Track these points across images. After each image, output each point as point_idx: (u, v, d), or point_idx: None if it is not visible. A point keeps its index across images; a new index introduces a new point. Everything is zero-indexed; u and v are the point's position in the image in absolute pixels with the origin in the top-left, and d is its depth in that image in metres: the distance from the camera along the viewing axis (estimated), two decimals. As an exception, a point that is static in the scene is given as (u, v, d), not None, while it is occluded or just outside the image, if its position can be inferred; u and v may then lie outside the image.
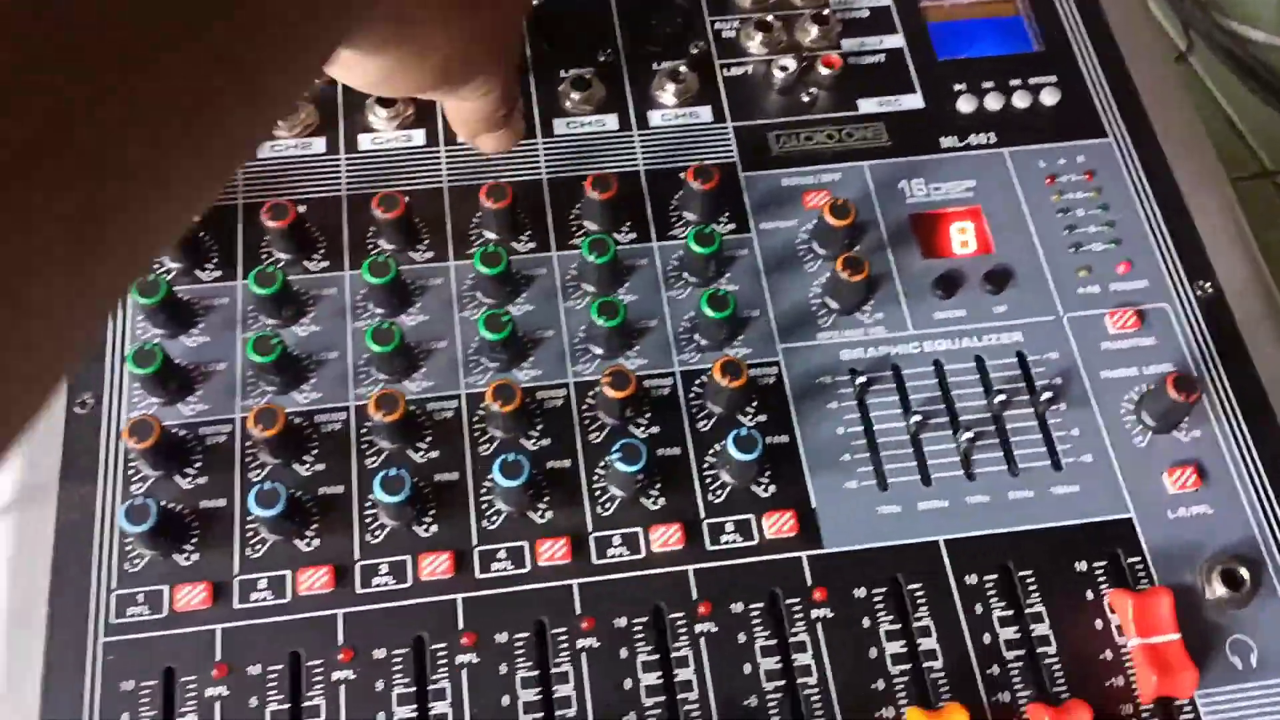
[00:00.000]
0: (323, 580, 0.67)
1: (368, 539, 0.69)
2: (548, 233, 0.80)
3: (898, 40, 0.90)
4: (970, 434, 0.72)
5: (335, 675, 0.65)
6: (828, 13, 0.89)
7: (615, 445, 0.68)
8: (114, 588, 0.66)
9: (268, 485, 0.66)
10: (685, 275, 0.78)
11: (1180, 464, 0.72)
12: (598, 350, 0.75)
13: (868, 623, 0.67)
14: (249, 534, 0.68)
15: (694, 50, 0.89)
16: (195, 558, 0.68)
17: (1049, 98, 0.87)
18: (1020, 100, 0.87)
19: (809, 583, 0.68)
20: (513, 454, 0.67)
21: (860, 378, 0.74)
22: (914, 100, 0.87)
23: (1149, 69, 0.90)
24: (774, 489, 0.71)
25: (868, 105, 0.87)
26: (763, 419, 0.74)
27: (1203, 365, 0.76)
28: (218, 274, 0.77)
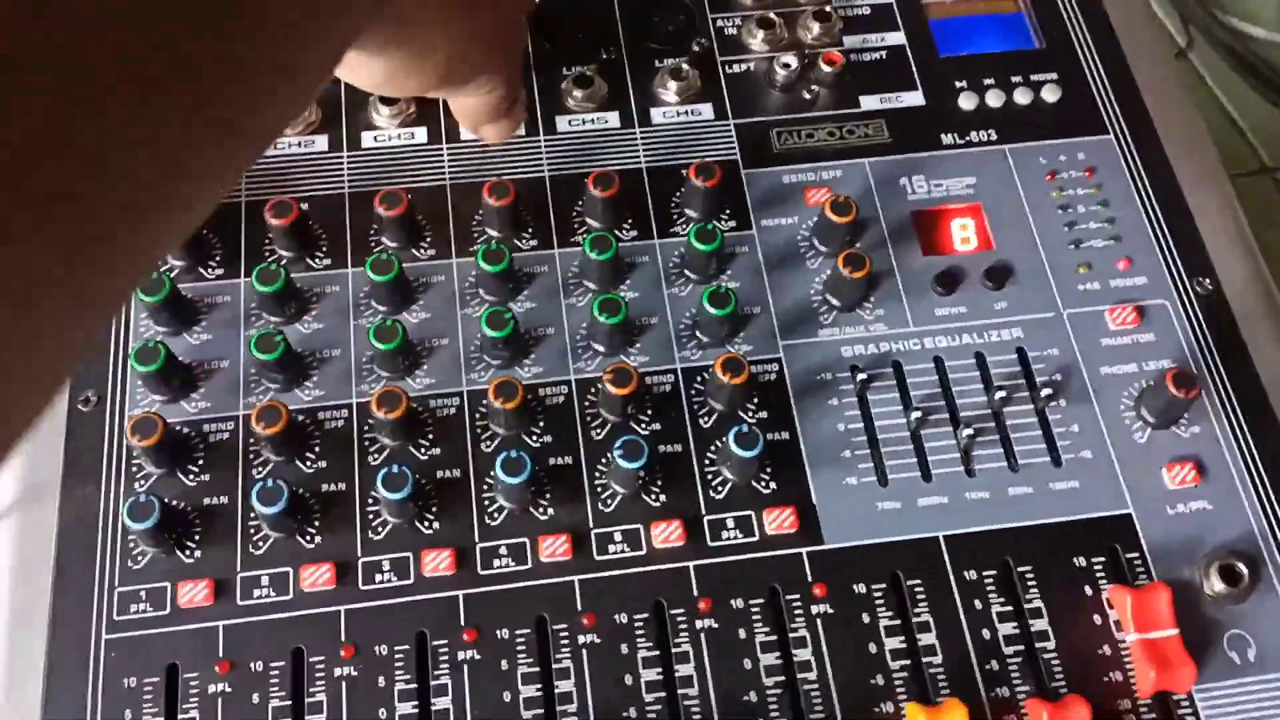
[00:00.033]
0: (325, 577, 0.67)
1: (370, 536, 0.69)
2: (550, 230, 0.80)
3: (899, 37, 0.91)
4: (970, 430, 0.72)
5: (337, 671, 0.65)
6: (829, 10, 0.89)
7: (617, 442, 0.68)
8: (117, 585, 0.67)
9: (270, 482, 0.66)
10: (687, 272, 0.78)
11: (1179, 460, 0.72)
12: (599, 347, 0.75)
13: (867, 618, 0.68)
14: (251, 531, 0.69)
15: (696, 48, 0.89)
16: (198, 555, 0.68)
17: (1050, 94, 0.87)
18: (1021, 97, 0.87)
19: (809, 579, 0.69)
20: (515, 451, 0.67)
21: (861, 374, 0.74)
22: (915, 97, 0.88)
23: (1150, 66, 0.90)
24: (775, 485, 0.71)
25: (869, 102, 0.87)
26: (764, 416, 0.74)
27: (1202, 361, 0.76)
28: (220, 272, 0.77)
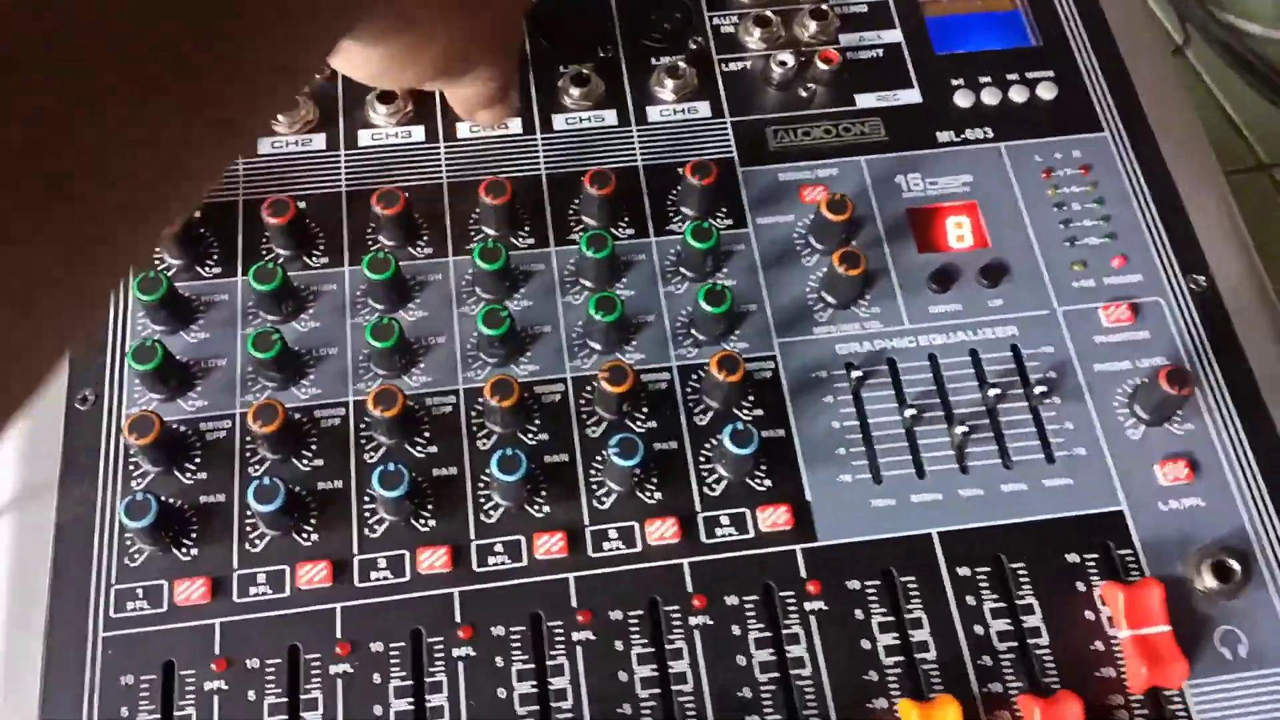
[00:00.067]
0: (321, 575, 0.67)
1: (366, 534, 0.69)
2: (546, 228, 0.80)
3: (896, 35, 0.91)
4: (964, 427, 0.72)
5: (333, 669, 0.65)
6: (826, 8, 0.90)
7: (612, 440, 0.69)
8: (114, 583, 0.67)
9: (267, 481, 0.66)
10: (683, 270, 0.79)
11: (1172, 457, 0.73)
12: (596, 345, 0.76)
13: (861, 615, 0.68)
14: (248, 529, 0.69)
15: (693, 46, 0.89)
16: (195, 553, 0.68)
17: (1046, 92, 0.87)
18: (1017, 95, 0.87)
19: (803, 576, 0.69)
20: (511, 449, 0.68)
21: (856, 372, 0.75)
22: (911, 95, 0.88)
23: (1146, 63, 0.90)
24: (769, 483, 0.72)
25: (865, 100, 0.87)
26: (759, 413, 0.74)
27: (1196, 358, 0.76)
28: (218, 270, 0.77)
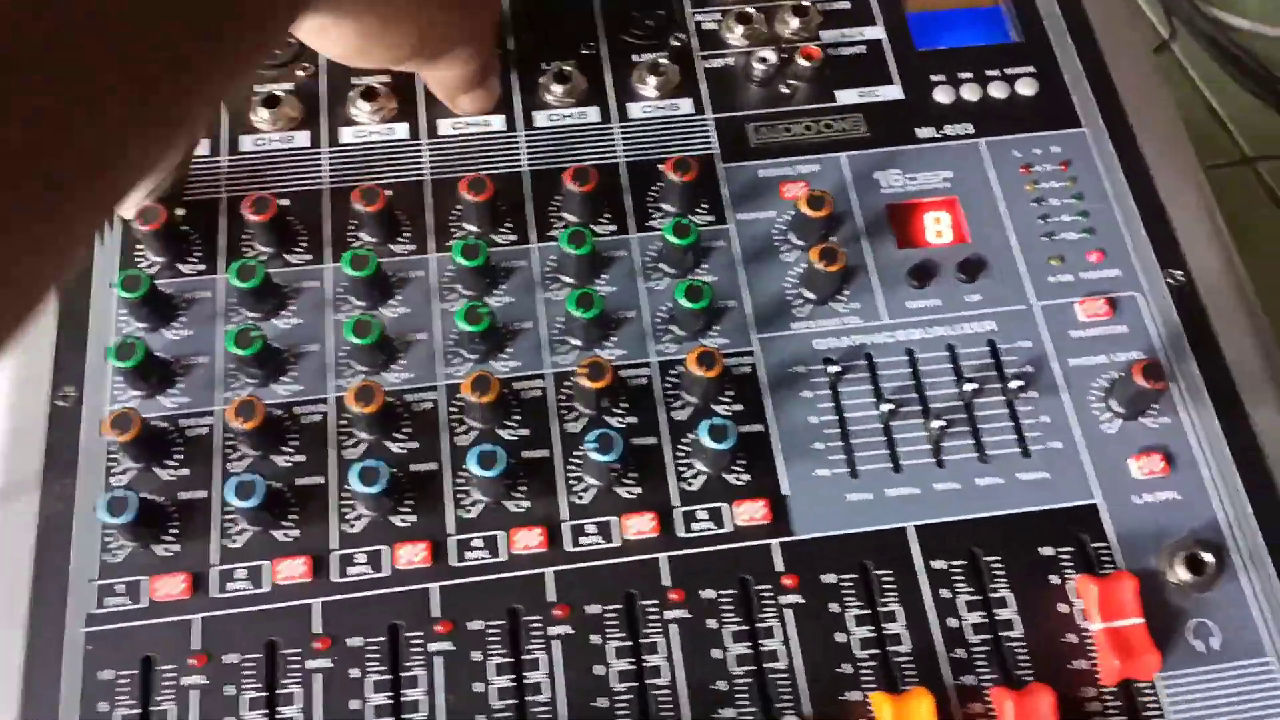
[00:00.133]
0: (300, 570, 0.68)
1: (345, 529, 0.70)
2: (527, 225, 0.81)
3: (877, 31, 0.91)
4: (941, 422, 0.72)
5: (311, 664, 0.66)
6: (808, 4, 0.90)
7: (590, 435, 0.69)
8: (94, 578, 0.68)
9: (246, 477, 0.67)
10: (663, 266, 0.79)
11: (1147, 450, 0.73)
12: (576, 341, 0.76)
13: (836, 608, 0.68)
14: (228, 525, 0.69)
15: (675, 42, 0.90)
16: (175, 549, 0.69)
17: (1026, 88, 0.87)
18: (997, 91, 0.87)
19: (780, 569, 0.69)
20: (489, 445, 0.68)
21: (834, 367, 0.75)
22: (893, 91, 0.88)
23: (1126, 59, 0.90)
24: (747, 477, 0.72)
25: (847, 96, 0.88)
26: (738, 408, 0.74)
27: (1173, 353, 0.76)
28: (201, 268, 0.78)
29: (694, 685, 0.66)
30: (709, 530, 0.70)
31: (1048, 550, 0.70)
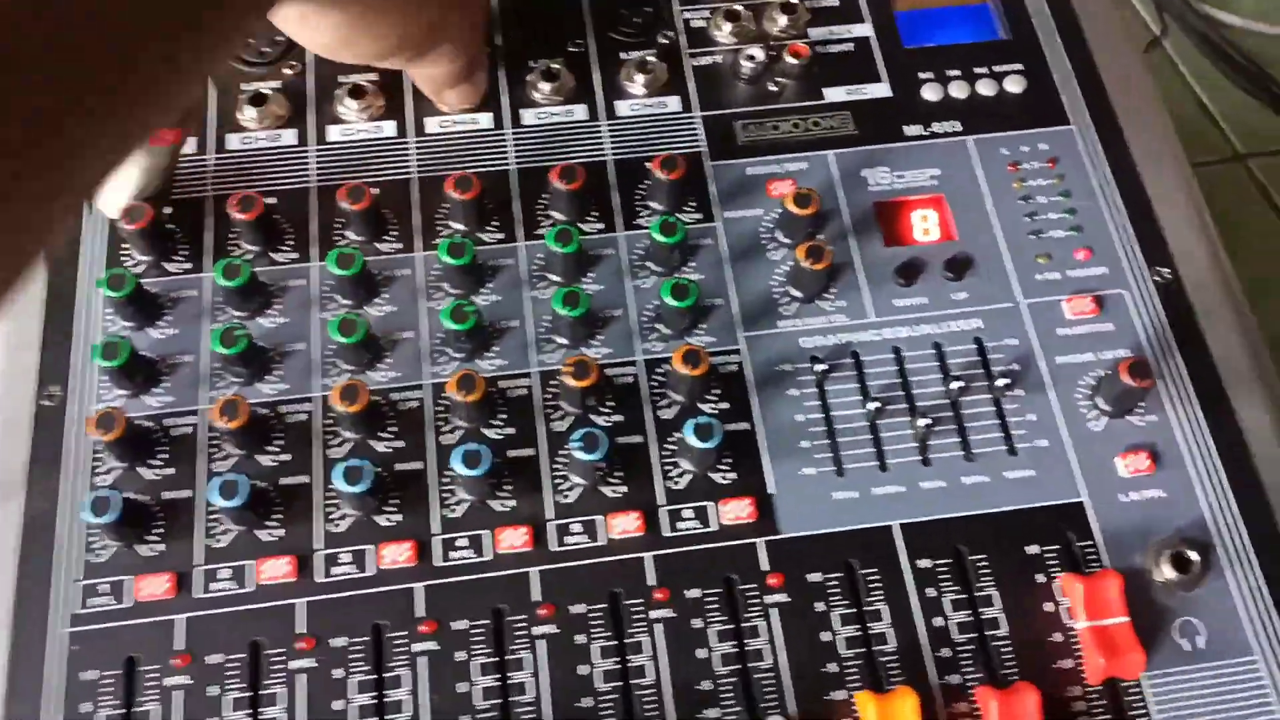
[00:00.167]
0: (284, 570, 0.68)
1: (330, 528, 0.69)
2: (514, 223, 0.81)
3: (865, 29, 0.91)
4: (927, 420, 0.72)
5: (295, 664, 0.66)
6: (796, 2, 0.90)
7: (576, 434, 0.69)
8: (78, 578, 0.67)
9: (229, 476, 0.66)
10: (650, 265, 0.79)
11: (1134, 448, 0.73)
12: (562, 340, 0.76)
13: (821, 607, 0.68)
14: (212, 524, 0.69)
15: (663, 40, 0.90)
16: (159, 548, 0.69)
17: (1014, 86, 0.87)
18: (985, 88, 0.87)
19: (765, 568, 0.69)
20: (474, 444, 0.68)
21: (820, 365, 0.75)
22: (880, 89, 0.88)
23: (1115, 56, 0.90)
24: (733, 476, 0.72)
25: (834, 94, 0.87)
26: (724, 407, 0.74)
27: (1159, 351, 0.76)
28: (187, 266, 0.78)
29: (679, 685, 0.66)
30: (694, 529, 0.70)
31: (1033, 549, 0.70)
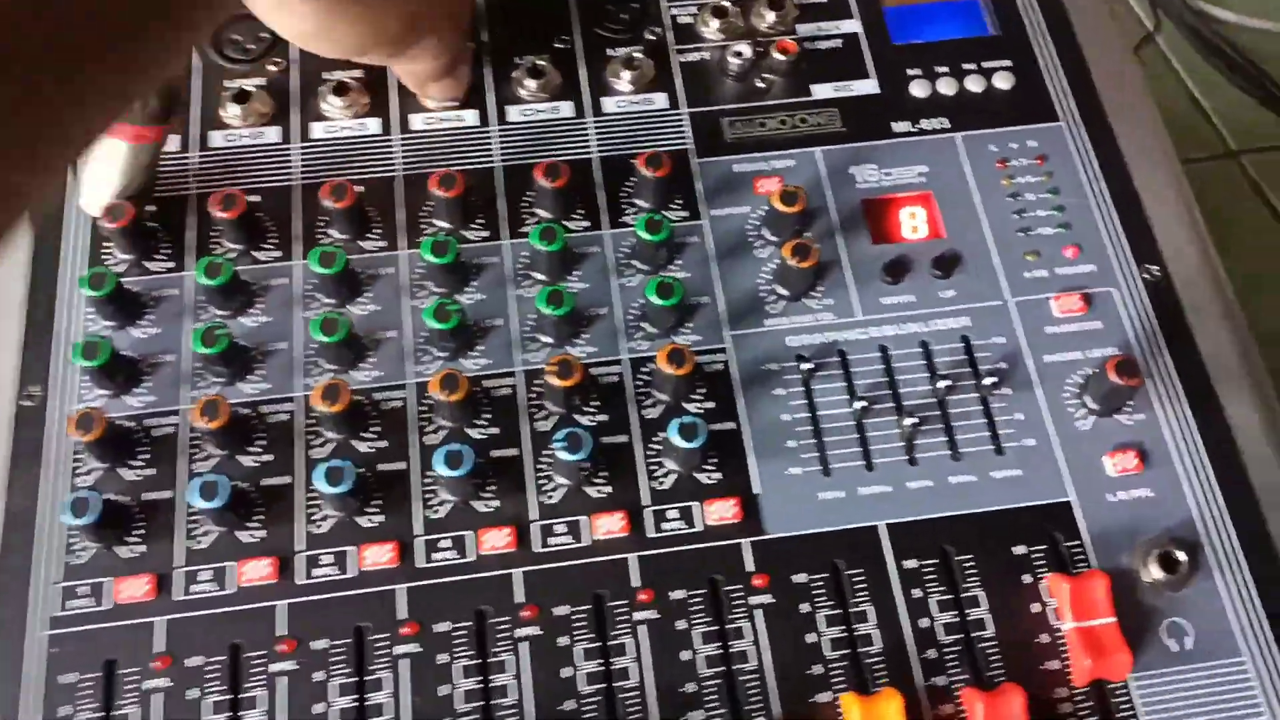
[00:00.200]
0: (265, 571, 0.67)
1: (312, 530, 0.69)
2: (499, 221, 0.80)
3: (854, 25, 0.90)
4: (914, 419, 0.72)
5: (275, 666, 0.65)
6: (784, -3, 0.89)
7: (559, 434, 0.68)
8: (57, 580, 0.67)
9: (210, 477, 0.66)
10: (635, 263, 0.78)
11: (1122, 447, 0.72)
12: (546, 339, 0.75)
13: (807, 608, 0.68)
14: (193, 526, 0.69)
15: (650, 36, 0.89)
16: (139, 550, 0.68)
17: (1003, 82, 0.87)
18: (974, 84, 0.87)
19: (750, 569, 0.69)
20: (456, 444, 0.67)
21: (807, 364, 0.74)
22: (868, 85, 0.87)
23: (1104, 53, 0.90)
24: (719, 476, 0.71)
25: (822, 90, 0.87)
26: (710, 406, 0.74)
27: (1148, 349, 0.76)
28: (169, 265, 0.77)
29: (663, 687, 0.65)
30: (679, 530, 0.70)
31: (1020, 549, 0.70)
